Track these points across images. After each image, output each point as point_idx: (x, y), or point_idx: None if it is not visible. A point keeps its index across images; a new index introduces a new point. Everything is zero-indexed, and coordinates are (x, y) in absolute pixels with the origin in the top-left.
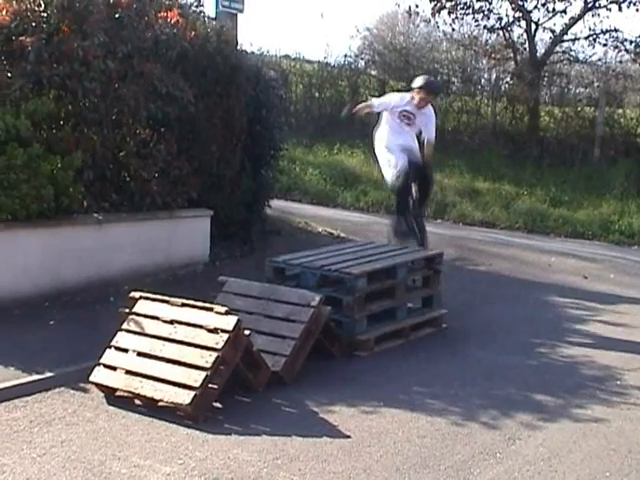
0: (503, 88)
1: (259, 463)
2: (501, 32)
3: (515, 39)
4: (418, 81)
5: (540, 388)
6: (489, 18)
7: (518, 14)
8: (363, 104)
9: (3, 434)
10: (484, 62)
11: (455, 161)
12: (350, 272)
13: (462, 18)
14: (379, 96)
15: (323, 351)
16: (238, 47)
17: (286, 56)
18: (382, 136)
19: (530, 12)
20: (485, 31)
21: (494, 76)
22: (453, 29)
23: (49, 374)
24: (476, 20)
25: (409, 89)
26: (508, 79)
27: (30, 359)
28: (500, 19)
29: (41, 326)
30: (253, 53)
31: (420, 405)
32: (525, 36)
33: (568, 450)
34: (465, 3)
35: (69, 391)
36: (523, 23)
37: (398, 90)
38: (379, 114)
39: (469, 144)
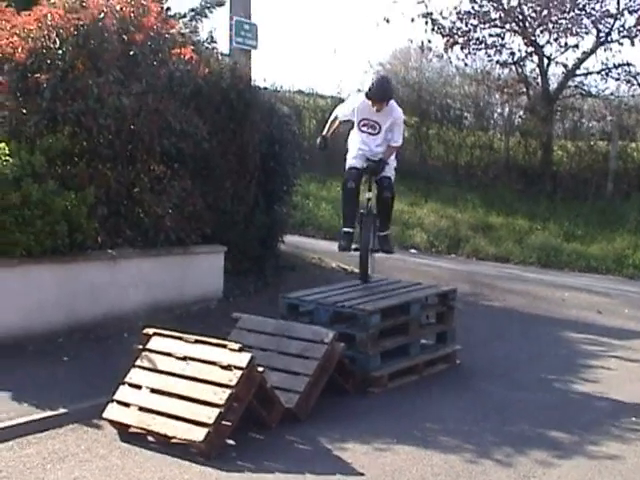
0: (516, 123)
1: None
2: (514, 67)
3: (528, 74)
4: (367, 86)
5: (554, 424)
6: (502, 53)
7: (530, 49)
8: (329, 121)
9: (16, 471)
10: (497, 97)
11: (468, 196)
12: (364, 308)
13: (475, 53)
14: None
15: (337, 387)
16: (252, 83)
17: (299, 91)
18: (349, 149)
19: (542, 47)
20: (498, 66)
21: (507, 111)
22: (466, 64)
23: (62, 410)
24: (489, 55)
25: (421, 124)
26: (521, 114)
27: (43, 395)
28: (513, 54)
29: (55, 362)
30: (266, 89)
31: (434, 442)
32: (538, 71)
33: None
34: (477, 38)
35: (82, 427)
36: (535, 58)
37: (411, 126)
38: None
39: (482, 179)
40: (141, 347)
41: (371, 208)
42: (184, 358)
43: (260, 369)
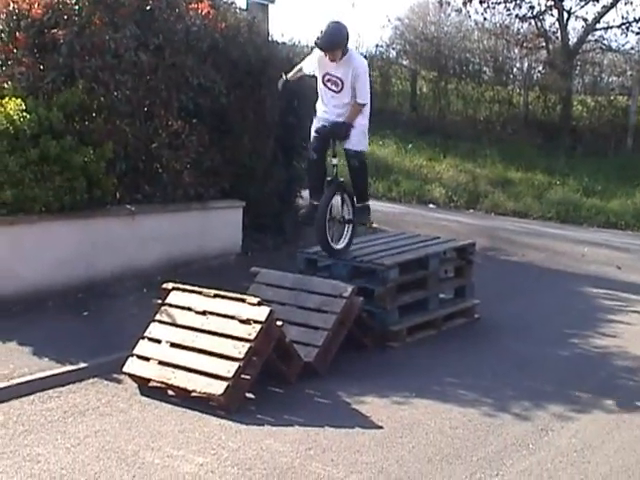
0: (535, 77)
1: (292, 453)
2: (533, 21)
3: (547, 28)
4: (317, 36)
5: (573, 379)
6: (521, 7)
7: (550, 2)
8: (296, 68)
9: (37, 424)
10: (516, 51)
11: (487, 151)
12: (382, 263)
13: (494, 7)
14: (411, 85)
15: (355, 342)
16: (269, 38)
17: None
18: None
19: (562, 0)
20: (517, 20)
21: (526, 65)
22: (485, 18)
23: (83, 365)
24: (508, 9)
25: (439, 79)
26: (540, 68)
27: (64, 350)
28: (532, 8)
29: (75, 317)
30: (284, 44)
31: (452, 396)
32: (557, 25)
33: (601, 441)
34: None
35: (102, 382)
36: (555, 12)
37: (430, 80)
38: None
39: (501, 133)
40: (160, 302)
41: (336, 175)
42: (203, 312)
43: (279, 323)
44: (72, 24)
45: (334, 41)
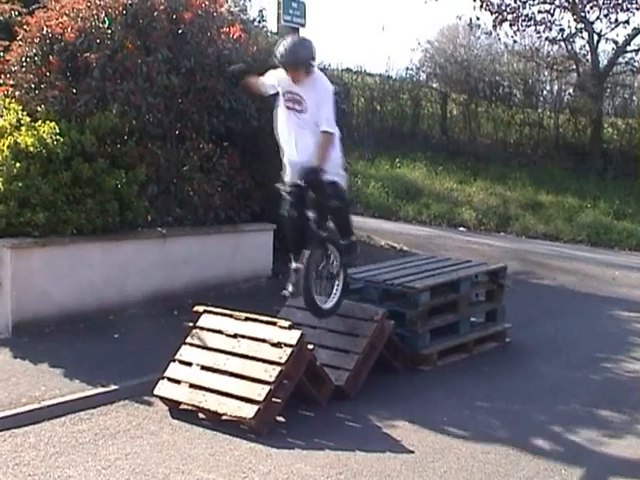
0: (565, 100)
1: (322, 478)
2: (563, 44)
3: (577, 50)
4: (277, 51)
5: (605, 404)
6: (551, 29)
7: (580, 25)
8: (257, 81)
9: (69, 446)
10: (546, 74)
11: (517, 173)
12: (413, 286)
13: (524, 30)
14: (441, 108)
15: (386, 365)
16: None
17: (347, 69)
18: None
19: (592, 23)
20: (547, 42)
21: (556, 88)
22: (515, 41)
23: (114, 387)
24: (538, 32)
25: (470, 101)
26: (570, 91)
27: (95, 372)
28: (562, 30)
29: (106, 339)
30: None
31: (484, 420)
32: (587, 47)
33: (635, 467)
34: (527, 15)
35: (133, 404)
36: (585, 34)
37: (460, 103)
38: None
39: (532, 156)
40: (192, 324)
41: (317, 230)
42: (234, 335)
43: (310, 346)
44: (104, 48)
45: (298, 57)
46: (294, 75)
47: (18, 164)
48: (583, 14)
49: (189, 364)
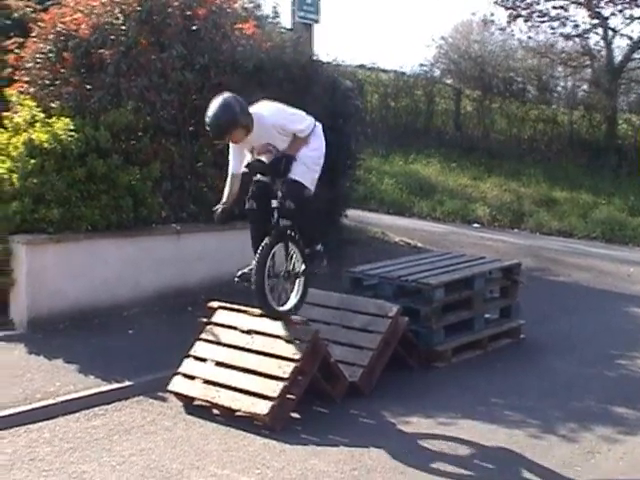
0: (580, 96)
1: (336, 474)
2: (577, 39)
3: (592, 46)
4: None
5: (620, 400)
6: (565, 25)
7: (595, 21)
8: (228, 181)
9: (83, 442)
10: (560, 70)
11: (531, 170)
12: (428, 282)
13: (538, 26)
14: (455, 104)
15: (400, 362)
16: (314, 57)
17: (361, 66)
18: None
19: (607, 19)
20: (561, 38)
21: (570, 84)
22: (529, 37)
23: (128, 383)
24: (552, 27)
25: (483, 98)
26: (585, 87)
27: (110, 368)
28: (577, 26)
29: (120, 335)
30: (329, 63)
31: (498, 417)
32: (602, 43)
33: None
34: (541, 11)
35: (148, 400)
36: (600, 30)
37: (474, 99)
38: None
39: (546, 153)
40: (206, 320)
41: (277, 222)
42: (249, 331)
43: (325, 343)
44: (119, 44)
45: (223, 124)
46: (236, 139)
47: (33, 160)
48: (598, 10)
49: (203, 360)
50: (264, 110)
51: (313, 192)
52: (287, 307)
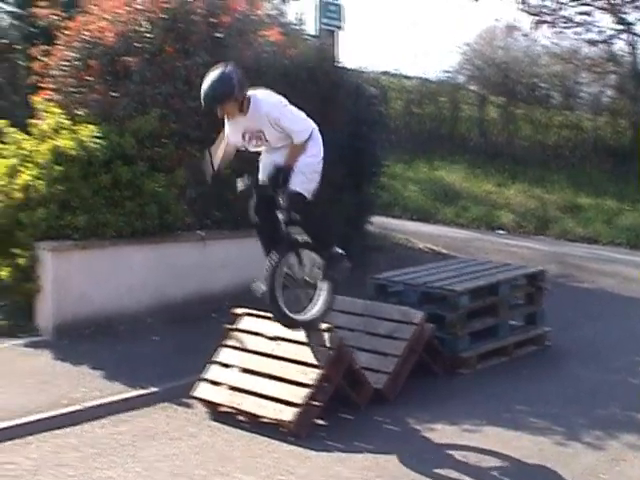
0: (604, 102)
1: None
2: (602, 45)
3: (616, 52)
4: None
5: None
6: (590, 31)
7: (620, 27)
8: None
9: (109, 448)
10: (584, 76)
11: (556, 176)
12: (453, 289)
13: (562, 31)
14: (479, 110)
15: (425, 368)
16: (338, 64)
17: (385, 72)
18: None
19: (632, 24)
20: (586, 44)
21: (595, 90)
22: (553, 43)
23: (153, 389)
24: (577, 33)
25: (508, 104)
26: (609, 93)
27: (135, 374)
28: (601, 32)
29: (145, 342)
30: (353, 70)
31: (523, 424)
32: (627, 49)
33: None
34: (565, 16)
35: (172, 406)
36: (625, 36)
37: (498, 106)
38: None
39: (570, 159)
40: (231, 327)
41: (287, 232)
42: (274, 338)
43: (350, 349)
44: (144, 52)
45: (216, 93)
46: (228, 113)
47: (58, 167)
48: (622, 15)
49: (228, 366)
50: (262, 96)
51: (319, 196)
52: (310, 315)
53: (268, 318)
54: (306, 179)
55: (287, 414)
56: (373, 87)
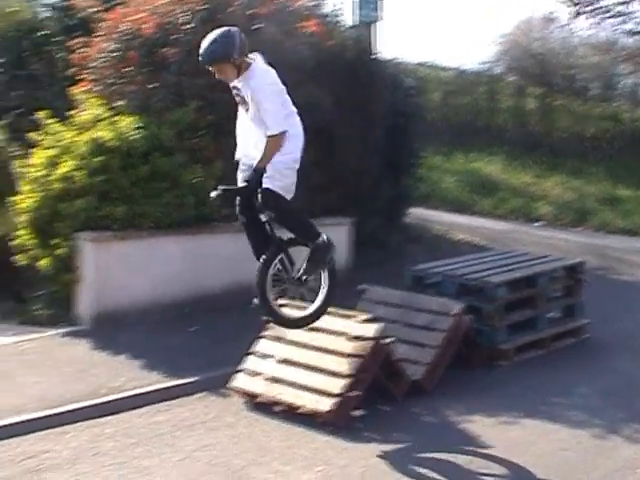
0: None
1: (399, 472)
2: None
3: None
4: None
5: None
6: (628, 22)
7: None
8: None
9: (146, 437)
10: (622, 67)
11: (594, 168)
12: (490, 281)
13: (600, 23)
14: (517, 102)
15: (463, 360)
16: (375, 55)
17: (422, 63)
18: None
19: None
20: (623, 35)
21: (633, 81)
22: (591, 34)
23: (191, 379)
24: (615, 24)
25: (546, 95)
26: None
27: (173, 364)
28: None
29: (182, 332)
30: (390, 61)
31: (561, 417)
32: None
33: None
34: (603, 7)
35: (210, 396)
36: None
37: (536, 97)
38: None
39: (608, 150)
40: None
41: (272, 233)
42: (313, 329)
43: (388, 340)
44: (182, 43)
45: (215, 51)
46: (219, 72)
47: (98, 158)
48: None
49: (266, 357)
50: (259, 71)
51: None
52: (306, 312)
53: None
54: (278, 176)
55: (325, 404)
56: (410, 78)
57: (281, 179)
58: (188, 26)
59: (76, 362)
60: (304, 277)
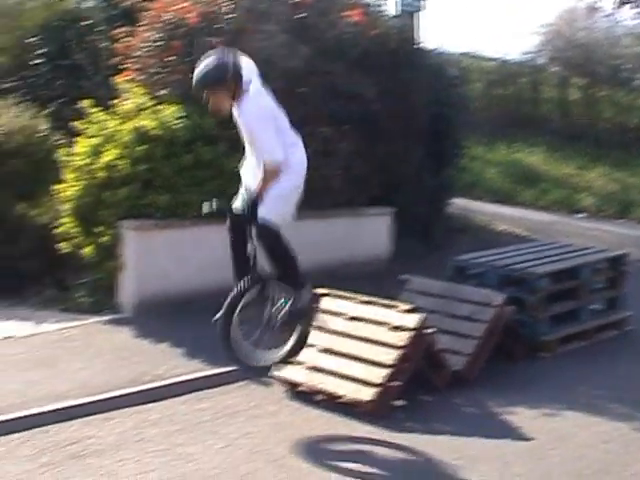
0: None
1: (440, 463)
2: None
3: None
4: None
5: None
6: None
7: None
8: None
9: (190, 424)
10: None
11: (638, 160)
12: (533, 272)
13: None
14: (561, 92)
15: (505, 351)
16: (419, 45)
17: (465, 53)
18: None
19: None
20: None
21: None
22: (637, 23)
23: (233, 367)
24: None
25: (589, 86)
26: None
27: (214, 352)
28: None
29: None
30: (433, 51)
31: (603, 409)
32: None
33: None
34: None
35: (251, 385)
36: None
37: (579, 87)
38: None
39: None
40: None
41: (254, 266)
42: (354, 318)
43: (430, 330)
44: (225, 32)
45: (207, 76)
46: (213, 98)
47: (141, 147)
48: None
49: (309, 346)
50: (253, 98)
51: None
52: (265, 360)
53: (349, 298)
54: (275, 205)
55: (366, 394)
56: (453, 68)
57: (278, 208)
58: (231, 15)
59: (118, 349)
60: (277, 323)
